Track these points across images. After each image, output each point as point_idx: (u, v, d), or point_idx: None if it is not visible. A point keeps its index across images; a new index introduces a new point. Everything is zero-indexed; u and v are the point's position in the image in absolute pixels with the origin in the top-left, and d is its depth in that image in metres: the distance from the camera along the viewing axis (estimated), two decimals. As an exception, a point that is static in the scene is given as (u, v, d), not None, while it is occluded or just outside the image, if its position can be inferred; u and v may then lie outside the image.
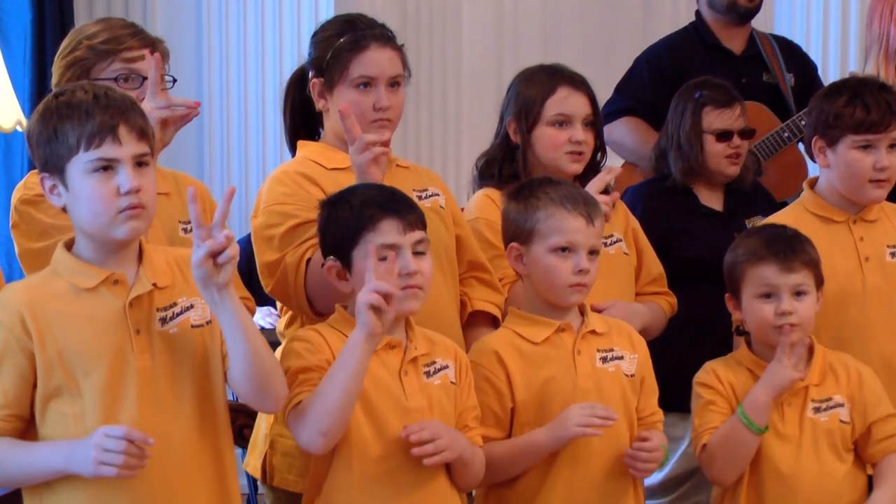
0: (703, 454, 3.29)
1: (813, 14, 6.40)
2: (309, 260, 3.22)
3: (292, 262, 3.24)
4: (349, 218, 2.96)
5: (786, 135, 4.80)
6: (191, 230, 2.71)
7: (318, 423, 2.82)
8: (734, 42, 4.98)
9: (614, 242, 3.76)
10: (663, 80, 4.72)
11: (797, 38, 6.26)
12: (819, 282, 3.36)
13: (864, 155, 3.57)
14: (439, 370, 3.03)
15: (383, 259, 2.91)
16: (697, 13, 5.06)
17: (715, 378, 3.33)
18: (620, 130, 4.84)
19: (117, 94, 2.73)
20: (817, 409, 3.33)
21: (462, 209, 3.64)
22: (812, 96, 3.77)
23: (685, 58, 4.90)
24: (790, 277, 3.29)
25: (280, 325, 3.49)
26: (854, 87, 3.64)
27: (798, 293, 3.30)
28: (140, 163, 2.68)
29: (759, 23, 5.21)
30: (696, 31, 5.02)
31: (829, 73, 6.18)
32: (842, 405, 3.35)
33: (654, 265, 3.83)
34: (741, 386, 3.32)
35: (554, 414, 3.12)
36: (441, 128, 6.26)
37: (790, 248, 3.31)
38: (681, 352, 3.74)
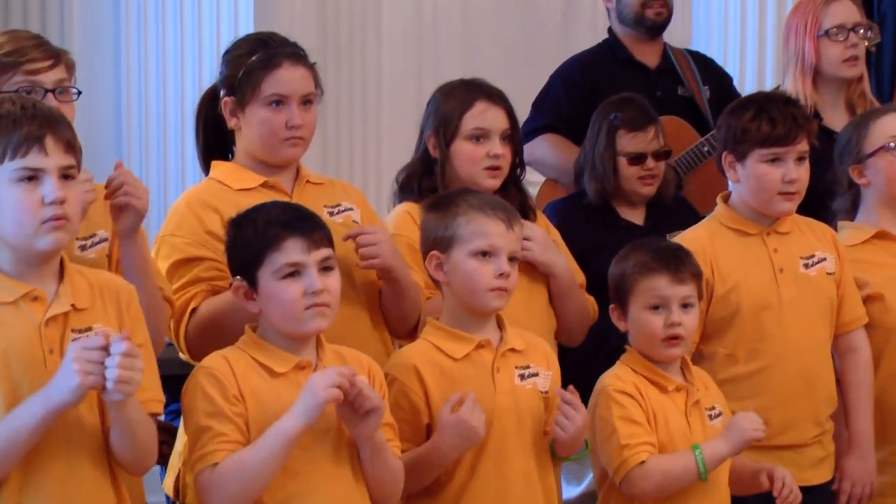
0: (638, 470, 3.26)
1: (730, 30, 6.47)
2: (194, 310, 3.27)
3: (178, 305, 3.26)
4: (254, 238, 2.95)
5: (705, 149, 4.85)
6: (88, 247, 2.71)
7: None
8: (648, 56, 5.02)
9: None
10: (579, 96, 4.76)
11: (714, 54, 6.33)
12: (700, 295, 3.40)
13: (773, 168, 3.62)
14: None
15: (290, 276, 2.92)
16: (610, 29, 5.09)
17: (632, 386, 3.33)
18: (541, 148, 4.86)
19: (45, 107, 2.72)
20: (710, 417, 3.38)
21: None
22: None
23: (599, 73, 4.93)
24: (680, 289, 3.32)
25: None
26: (760, 102, 3.69)
27: (685, 305, 3.33)
28: (66, 175, 2.66)
29: (676, 39, 5.26)
30: (610, 47, 5.06)
31: (747, 89, 6.23)
32: (720, 414, 3.40)
33: (576, 274, 3.85)
34: (647, 392, 3.33)
35: None
36: (361, 143, 6.25)
37: (679, 261, 3.34)
38: (601, 366, 3.75)
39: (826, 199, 4.16)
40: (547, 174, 4.89)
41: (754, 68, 6.45)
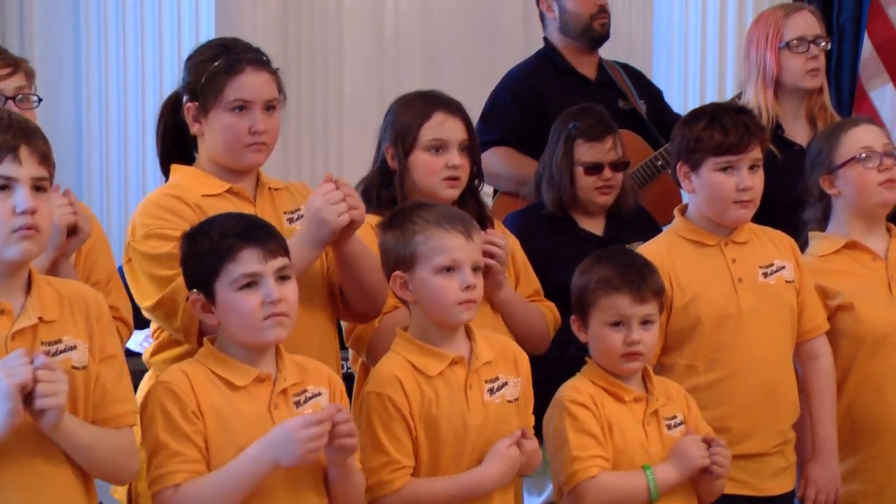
0: (589, 484, 3.28)
1: (691, 41, 6.50)
2: None
3: (176, 286, 3.21)
4: (209, 250, 2.94)
5: (659, 163, 4.86)
6: None
7: None
8: (587, 68, 5.02)
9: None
10: (526, 107, 4.75)
11: (674, 67, 6.39)
12: (661, 309, 3.42)
13: (727, 177, 3.64)
14: (311, 398, 3.01)
15: (247, 286, 2.91)
16: (547, 40, 5.09)
17: (588, 397, 3.35)
18: (493, 161, 4.83)
19: (21, 118, 2.71)
20: (669, 427, 3.39)
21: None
22: (666, 122, 3.84)
23: (544, 83, 4.93)
24: (641, 308, 3.34)
25: (147, 352, 3.46)
26: (713, 112, 3.71)
27: (645, 322, 3.35)
28: (38, 187, 2.66)
29: (637, 50, 5.27)
30: (549, 58, 5.05)
31: (708, 99, 6.27)
32: (682, 423, 3.41)
33: (532, 282, 3.86)
34: (602, 402, 3.35)
35: (445, 452, 3.15)
36: (323, 152, 6.25)
37: (642, 279, 3.35)
38: (564, 374, 3.75)
39: (794, 210, 4.19)
40: (500, 186, 4.87)
41: (714, 79, 6.48)
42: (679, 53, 6.43)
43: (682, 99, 6.36)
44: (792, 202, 4.07)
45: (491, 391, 3.22)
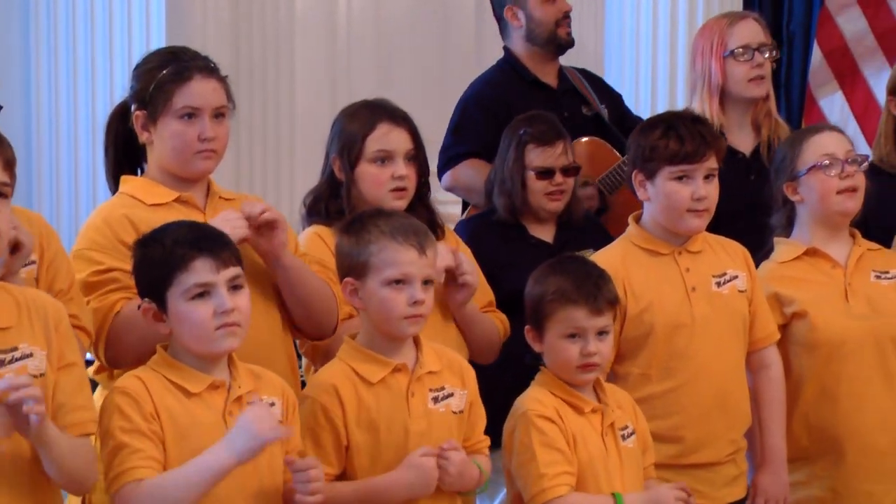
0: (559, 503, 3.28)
1: (642, 50, 6.51)
2: (118, 314, 3.24)
3: (100, 307, 3.23)
4: (161, 258, 2.93)
5: (626, 168, 4.86)
6: None
7: None
8: (549, 77, 5.01)
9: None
10: (496, 119, 4.72)
11: (626, 76, 6.39)
12: (616, 318, 3.43)
13: (682, 186, 3.64)
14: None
15: (199, 296, 2.91)
16: (507, 49, 5.08)
17: (553, 410, 3.34)
18: (466, 174, 4.82)
19: None
20: (623, 437, 3.39)
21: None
22: (627, 125, 3.84)
23: (509, 94, 4.91)
24: (598, 320, 3.33)
25: (91, 368, 3.44)
26: (668, 120, 3.71)
27: (601, 333, 3.35)
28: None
29: (589, 59, 5.28)
30: (512, 67, 5.03)
31: (659, 108, 6.27)
32: (633, 432, 3.42)
33: (486, 293, 3.86)
34: (565, 415, 3.34)
35: (386, 457, 3.15)
36: (275, 162, 6.24)
37: (598, 290, 3.34)
38: (509, 385, 3.75)
39: (737, 219, 4.21)
40: (473, 199, 4.85)
41: (665, 86, 6.48)
42: (630, 61, 6.44)
43: (633, 107, 6.34)
44: (734, 211, 4.09)
45: (435, 399, 3.22)
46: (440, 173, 4.86)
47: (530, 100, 4.81)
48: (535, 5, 4.98)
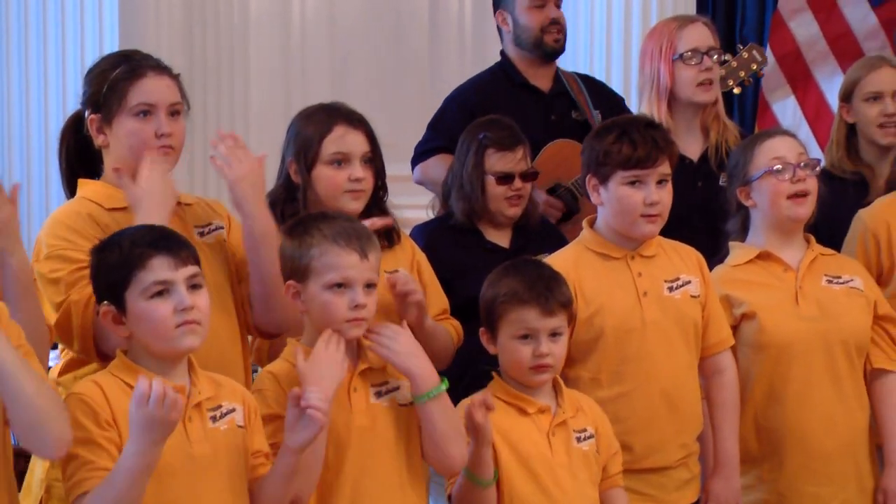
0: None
1: (596, 54, 6.53)
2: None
3: (78, 300, 3.20)
4: (119, 260, 2.93)
5: None
6: None
7: None
8: (541, 80, 5.02)
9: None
10: (473, 119, 4.75)
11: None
12: (570, 319, 3.44)
13: (634, 191, 3.64)
14: (226, 414, 3.00)
15: (158, 295, 2.90)
16: (503, 52, 5.10)
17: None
18: (435, 167, 4.84)
19: None
20: (578, 439, 3.40)
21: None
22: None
23: (494, 96, 4.92)
24: (549, 321, 3.35)
25: (54, 371, 3.42)
26: (622, 125, 3.72)
27: (554, 334, 3.36)
28: None
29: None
30: (504, 71, 5.05)
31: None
32: (592, 436, 3.43)
33: (440, 300, 3.86)
34: (507, 422, 3.36)
35: (329, 454, 3.13)
36: (229, 168, 6.22)
37: (550, 291, 3.37)
38: (468, 388, 3.74)
39: (684, 223, 4.22)
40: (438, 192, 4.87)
41: (619, 92, 6.49)
42: (584, 64, 6.46)
43: (587, 110, 6.40)
44: (680, 217, 4.10)
45: (378, 394, 3.23)
46: (412, 167, 4.90)
47: (516, 103, 4.84)
48: (521, 11, 5.00)
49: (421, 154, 4.90)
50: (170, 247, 2.94)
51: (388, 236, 3.80)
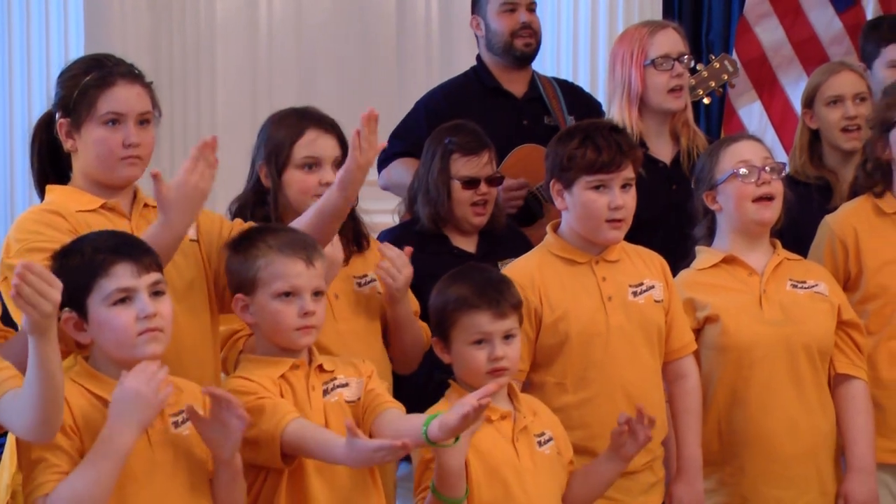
0: None
1: (563, 61, 6.54)
2: None
3: None
4: (81, 266, 2.93)
5: None
6: None
7: None
8: (515, 85, 5.03)
9: (368, 283, 3.80)
10: (439, 124, 4.77)
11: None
12: (521, 321, 3.44)
13: (599, 195, 3.64)
14: (187, 420, 3.00)
15: (121, 302, 2.90)
16: (479, 57, 5.11)
17: None
18: (398, 171, 4.85)
19: None
20: (539, 444, 3.41)
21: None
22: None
23: (465, 101, 4.93)
24: (502, 324, 3.35)
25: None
26: (586, 130, 3.71)
27: (507, 336, 3.36)
28: None
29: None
30: (477, 75, 5.07)
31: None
32: (551, 439, 3.44)
33: (412, 302, 3.86)
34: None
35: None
36: (195, 171, 6.20)
37: (500, 294, 3.36)
38: (432, 395, 3.74)
39: (658, 227, 4.23)
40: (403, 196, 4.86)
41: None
42: (551, 69, 6.46)
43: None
44: (655, 219, 4.11)
45: (325, 392, 3.24)
46: (378, 171, 4.91)
47: (488, 107, 4.85)
48: (492, 16, 5.02)
49: (385, 159, 4.90)
50: (132, 253, 2.94)
51: (358, 241, 3.81)
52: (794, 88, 5.95)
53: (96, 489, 2.79)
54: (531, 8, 5.06)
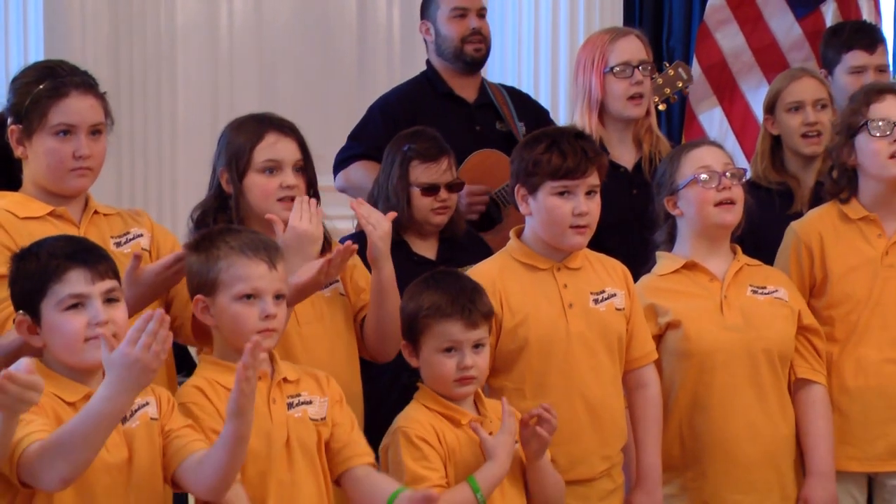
0: None
1: (524, 67, 6.55)
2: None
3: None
4: (36, 270, 2.93)
5: None
6: None
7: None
8: (466, 90, 5.04)
9: (331, 286, 3.78)
10: (397, 127, 4.74)
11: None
12: (491, 330, 3.45)
13: (563, 201, 3.65)
14: (137, 410, 3.00)
15: (73, 307, 2.90)
16: (428, 62, 5.11)
17: (429, 427, 3.36)
18: (357, 173, 4.85)
19: None
20: None
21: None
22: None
23: (419, 106, 4.93)
24: (473, 334, 3.36)
25: None
26: (552, 136, 3.72)
27: (477, 346, 3.37)
28: None
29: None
30: (428, 80, 5.07)
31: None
32: (516, 442, 3.43)
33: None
34: (443, 431, 3.36)
35: (249, 464, 3.12)
36: (156, 176, 6.18)
37: (472, 304, 3.37)
38: (397, 401, 3.71)
39: (619, 232, 4.24)
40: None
41: (547, 104, 6.50)
42: (512, 75, 6.48)
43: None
44: (615, 224, 4.12)
45: (290, 405, 3.23)
46: (334, 174, 4.90)
47: (440, 112, 4.86)
48: (442, 21, 5.03)
49: (342, 161, 4.91)
50: (87, 260, 2.94)
51: (321, 245, 3.79)
52: (755, 94, 5.97)
53: (81, 442, 2.77)
54: (481, 14, 5.07)
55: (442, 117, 4.72)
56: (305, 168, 3.72)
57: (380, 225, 3.68)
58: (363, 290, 3.79)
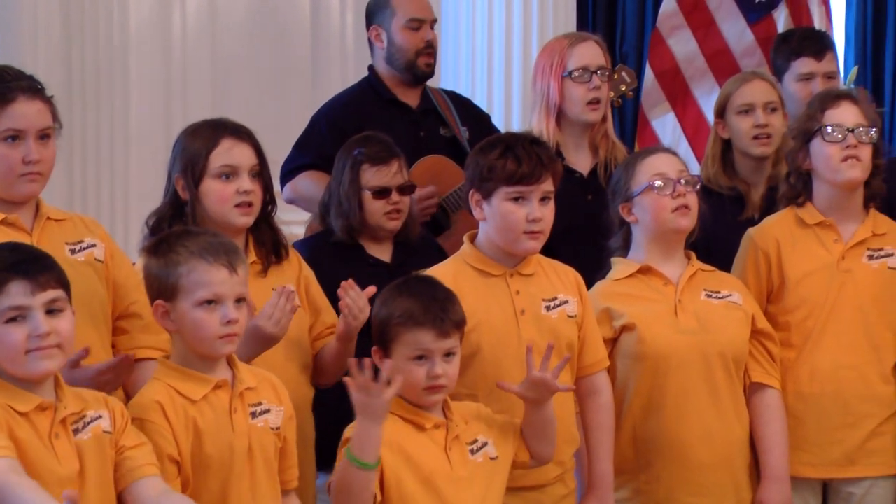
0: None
1: (478, 71, 6.57)
2: None
3: None
4: None
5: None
6: None
7: None
8: (409, 97, 5.04)
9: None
10: (343, 135, 4.72)
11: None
12: (462, 338, 3.44)
13: (517, 207, 3.65)
14: (90, 423, 2.99)
15: (13, 320, 2.88)
16: (372, 68, 5.10)
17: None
18: (305, 184, 4.84)
19: None
20: (472, 451, 3.41)
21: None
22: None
23: (363, 112, 4.92)
24: (444, 343, 3.35)
25: None
26: (507, 141, 3.72)
27: (448, 354, 3.37)
28: None
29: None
30: (372, 87, 5.06)
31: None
32: (486, 443, 3.44)
33: (328, 314, 3.85)
34: (404, 438, 3.36)
35: (211, 476, 3.13)
36: (109, 182, 6.14)
37: (445, 313, 3.36)
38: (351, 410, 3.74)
39: (572, 237, 4.25)
40: (312, 210, 4.84)
41: (501, 108, 6.55)
42: (466, 83, 6.49)
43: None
44: (570, 229, 4.13)
45: (253, 415, 3.22)
46: (281, 185, 4.86)
47: (386, 118, 4.84)
48: (396, 31, 5.01)
49: (289, 172, 4.88)
50: (28, 271, 2.91)
51: (277, 251, 3.79)
52: (707, 100, 6.00)
53: None
54: (433, 25, 5.07)
55: (387, 123, 4.71)
56: (262, 173, 3.72)
57: (358, 319, 3.68)
58: (321, 312, 3.82)
